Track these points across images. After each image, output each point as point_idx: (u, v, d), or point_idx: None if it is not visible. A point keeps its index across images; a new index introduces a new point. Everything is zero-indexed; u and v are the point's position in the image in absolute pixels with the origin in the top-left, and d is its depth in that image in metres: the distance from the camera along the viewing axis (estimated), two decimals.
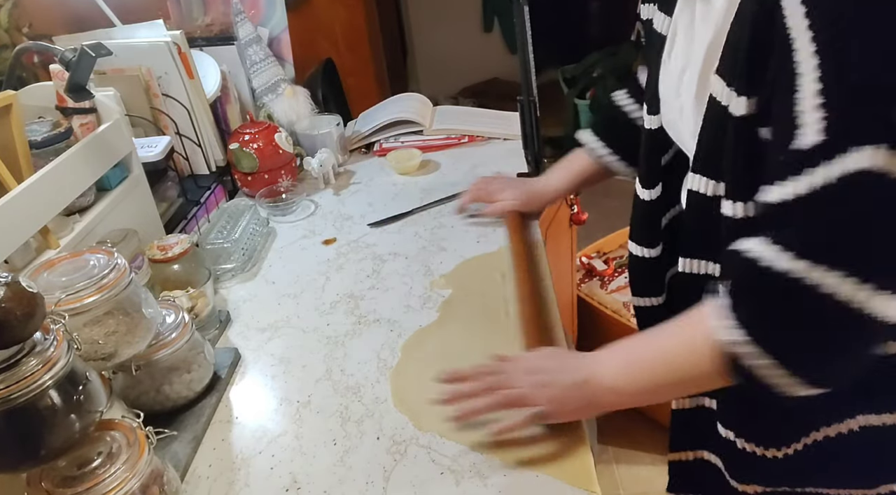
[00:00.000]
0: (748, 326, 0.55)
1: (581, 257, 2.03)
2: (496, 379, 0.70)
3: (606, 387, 0.66)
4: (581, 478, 0.66)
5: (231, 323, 0.98)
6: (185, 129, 1.25)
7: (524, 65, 1.30)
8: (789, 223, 0.53)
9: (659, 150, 0.75)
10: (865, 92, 0.48)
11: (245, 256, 1.10)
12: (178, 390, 0.79)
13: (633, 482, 1.73)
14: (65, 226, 0.89)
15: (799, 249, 0.52)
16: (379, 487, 0.68)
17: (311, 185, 1.38)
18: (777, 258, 0.53)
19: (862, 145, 0.47)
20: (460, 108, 1.72)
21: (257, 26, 1.42)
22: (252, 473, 0.72)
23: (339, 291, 1.02)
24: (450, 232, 1.14)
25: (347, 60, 2.14)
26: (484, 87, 3.82)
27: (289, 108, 1.41)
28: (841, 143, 0.48)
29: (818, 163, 0.49)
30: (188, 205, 1.21)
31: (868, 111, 0.48)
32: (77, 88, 0.91)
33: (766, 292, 0.55)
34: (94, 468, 0.60)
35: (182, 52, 1.21)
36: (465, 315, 0.93)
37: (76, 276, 0.67)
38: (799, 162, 0.50)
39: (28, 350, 0.56)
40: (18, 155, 0.85)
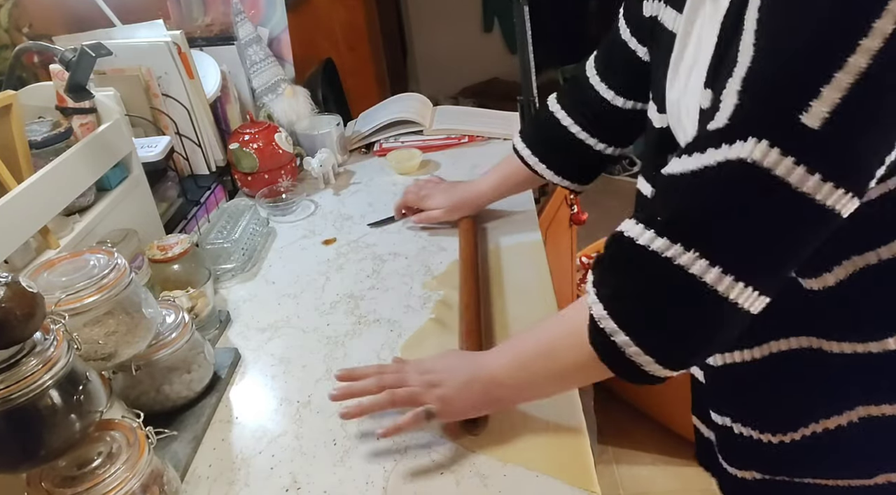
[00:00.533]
0: (606, 299, 0.57)
1: (581, 257, 2.03)
2: (388, 378, 0.71)
3: (494, 381, 0.68)
4: (581, 478, 0.66)
5: (231, 323, 0.98)
6: (185, 129, 1.25)
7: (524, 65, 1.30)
8: (663, 199, 0.55)
9: (666, 149, 0.74)
10: (771, 87, 0.48)
11: (245, 256, 1.10)
12: (178, 390, 0.79)
13: (633, 482, 1.73)
14: (65, 226, 0.89)
15: (659, 227, 0.54)
16: (379, 487, 0.68)
17: (311, 185, 1.38)
18: (640, 235, 0.55)
19: (748, 137, 0.49)
20: (460, 108, 1.72)
21: (257, 26, 1.42)
22: (252, 473, 0.72)
23: (339, 291, 1.02)
24: (450, 232, 1.14)
25: (347, 60, 2.14)
26: (484, 87, 3.82)
27: (289, 108, 1.41)
28: (736, 131, 0.50)
29: (711, 146, 0.51)
30: (188, 205, 1.21)
31: (765, 105, 0.49)
32: (77, 88, 0.91)
33: (626, 267, 0.57)
34: (94, 468, 0.60)
35: (182, 52, 1.21)
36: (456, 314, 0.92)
37: (76, 276, 0.67)
38: (700, 141, 0.52)
39: (28, 350, 0.56)
40: (18, 155, 0.85)
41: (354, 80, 2.10)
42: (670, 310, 0.55)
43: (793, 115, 0.47)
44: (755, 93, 0.49)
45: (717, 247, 0.52)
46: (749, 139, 0.48)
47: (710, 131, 0.51)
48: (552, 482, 0.66)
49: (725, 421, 0.71)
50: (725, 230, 0.52)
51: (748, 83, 0.49)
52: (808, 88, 0.46)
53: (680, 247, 0.52)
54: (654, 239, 0.54)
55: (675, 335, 0.56)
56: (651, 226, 0.55)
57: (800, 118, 0.46)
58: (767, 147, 0.48)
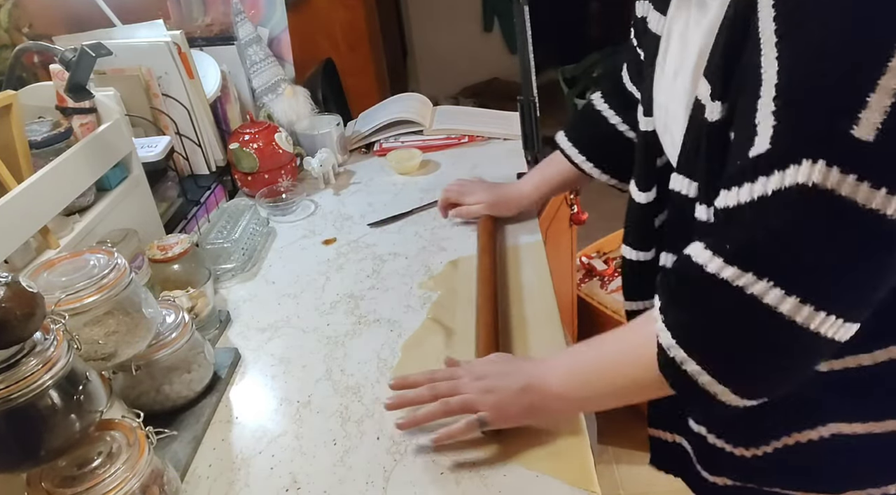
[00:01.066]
0: (676, 329, 0.55)
1: (581, 257, 2.03)
2: (442, 386, 0.70)
3: (552, 393, 0.67)
4: (581, 478, 0.66)
5: (231, 323, 0.98)
6: (185, 129, 1.25)
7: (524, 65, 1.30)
8: (728, 229, 0.53)
9: (654, 153, 0.73)
10: (812, 104, 0.46)
11: (245, 256, 1.10)
12: (178, 390, 0.79)
13: (633, 482, 1.73)
14: (65, 226, 0.89)
15: (730, 255, 0.51)
16: (379, 487, 0.68)
17: (311, 185, 1.38)
18: (709, 261, 0.53)
19: (801, 159, 0.46)
20: (460, 107, 1.72)
21: (257, 26, 1.42)
22: (252, 473, 0.72)
23: (339, 291, 1.02)
24: (450, 232, 1.14)
25: (347, 60, 2.14)
26: (484, 87, 3.83)
27: (289, 108, 1.41)
28: (784, 155, 0.47)
29: (761, 173, 0.49)
30: (188, 205, 1.21)
31: (811, 124, 0.46)
32: (77, 88, 0.91)
33: (695, 296, 0.55)
34: (94, 468, 0.60)
35: (182, 52, 1.21)
36: (455, 316, 0.92)
37: (76, 276, 0.67)
38: (747, 170, 0.50)
39: (28, 350, 0.56)
40: (18, 155, 0.85)
41: (354, 80, 2.10)
42: (744, 342, 0.53)
43: (844, 130, 0.44)
44: (796, 112, 0.47)
45: (791, 277, 0.49)
46: (803, 161, 0.46)
47: (754, 158, 0.49)
48: (552, 482, 0.66)
49: (701, 430, 0.71)
50: (799, 258, 0.49)
51: (785, 102, 0.47)
52: (853, 100, 0.44)
53: (752, 277, 0.50)
54: (723, 267, 0.51)
55: (751, 366, 0.54)
56: (720, 254, 0.52)
57: (852, 132, 0.44)
58: (825, 167, 0.45)
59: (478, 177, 1.23)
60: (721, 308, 0.53)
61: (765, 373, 0.54)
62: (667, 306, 0.57)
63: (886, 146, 0.44)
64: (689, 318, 0.56)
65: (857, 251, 0.48)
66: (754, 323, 0.51)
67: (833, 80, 0.45)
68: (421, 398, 0.70)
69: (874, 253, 0.48)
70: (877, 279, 0.50)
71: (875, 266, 0.49)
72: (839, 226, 0.47)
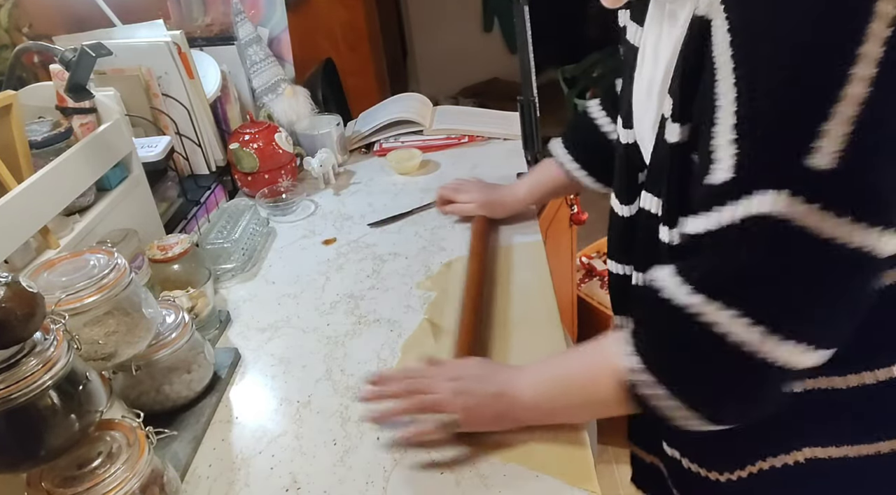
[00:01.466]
0: (644, 354, 0.56)
1: (581, 257, 2.03)
2: (417, 383, 0.71)
3: (521, 402, 0.67)
4: (581, 478, 0.66)
5: (231, 323, 0.98)
6: (185, 129, 1.25)
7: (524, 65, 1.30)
8: (695, 257, 0.53)
9: (635, 166, 0.72)
10: (774, 134, 0.45)
11: (245, 256, 1.10)
12: (178, 390, 0.79)
13: None
14: (65, 226, 0.89)
15: (697, 283, 0.51)
16: (379, 487, 0.68)
17: (311, 185, 1.38)
18: (676, 289, 0.52)
19: (766, 189, 0.46)
20: (460, 107, 1.72)
21: (257, 26, 1.42)
22: (252, 473, 0.72)
23: (339, 291, 1.02)
24: (450, 232, 1.14)
25: (347, 60, 2.14)
26: (484, 87, 3.83)
27: (289, 108, 1.41)
28: (747, 184, 0.47)
29: (726, 202, 0.48)
30: (188, 205, 1.21)
31: (774, 154, 0.46)
32: (77, 88, 0.91)
33: (663, 322, 0.55)
34: (94, 468, 0.60)
35: (182, 52, 1.21)
36: (451, 316, 0.92)
37: (76, 276, 0.67)
38: (711, 197, 0.50)
39: (28, 350, 0.56)
40: (18, 155, 0.85)
41: (354, 80, 2.10)
42: (709, 370, 0.53)
43: (803, 161, 0.44)
44: (756, 142, 0.46)
45: (757, 307, 0.49)
46: (765, 191, 0.46)
47: (718, 186, 0.49)
48: (552, 482, 0.66)
49: (675, 453, 0.71)
50: (764, 288, 0.49)
51: (743, 131, 0.47)
52: (809, 128, 0.43)
53: (719, 305, 0.50)
54: (691, 294, 0.51)
55: (716, 394, 0.54)
56: (688, 281, 0.52)
57: (811, 161, 0.44)
58: (788, 197, 0.45)
59: (475, 177, 1.23)
60: (687, 334, 0.52)
61: (731, 401, 0.54)
62: (637, 328, 0.58)
63: (847, 174, 0.44)
64: (655, 342, 0.56)
65: (822, 280, 0.47)
66: (720, 351, 0.50)
67: (790, 110, 0.44)
68: (395, 394, 0.71)
69: (840, 281, 0.48)
70: (845, 307, 0.49)
71: (842, 294, 0.48)
72: (804, 256, 0.47)
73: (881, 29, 0.41)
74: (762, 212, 0.46)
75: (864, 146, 0.43)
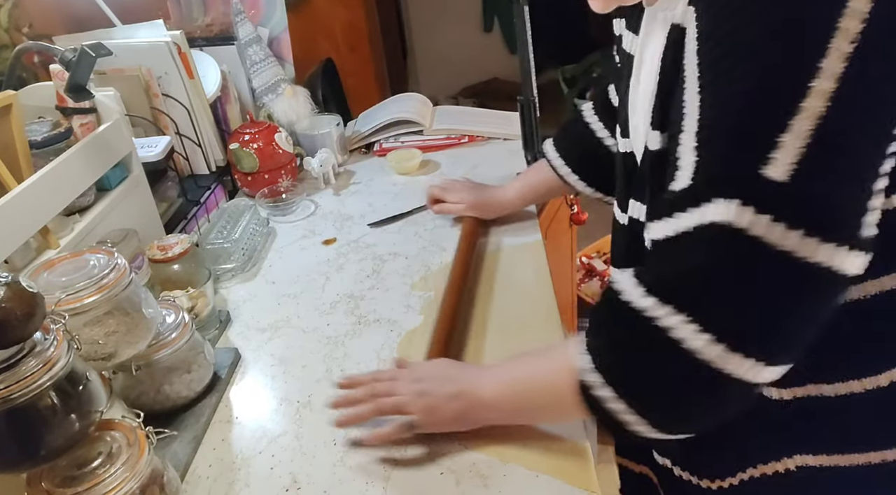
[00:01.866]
0: (596, 354, 0.55)
1: (581, 257, 2.03)
2: (380, 386, 0.72)
3: (482, 403, 0.67)
4: (581, 478, 0.66)
5: (231, 323, 0.98)
6: (185, 129, 1.25)
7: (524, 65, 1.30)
8: (654, 260, 0.53)
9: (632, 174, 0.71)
10: (728, 143, 0.45)
11: (245, 256, 1.10)
12: (178, 390, 0.79)
13: None
14: (65, 226, 0.89)
15: (650, 286, 0.51)
16: (379, 487, 0.68)
17: (311, 185, 1.38)
18: (632, 290, 0.52)
19: (717, 197, 0.46)
20: (460, 107, 1.72)
21: (257, 26, 1.42)
22: (252, 473, 0.72)
23: (339, 291, 1.02)
24: (450, 232, 1.14)
25: (347, 60, 2.14)
26: (484, 87, 3.83)
27: (289, 108, 1.41)
28: (702, 192, 0.47)
29: (683, 209, 0.48)
30: (188, 205, 1.21)
31: (729, 163, 0.46)
32: (77, 88, 0.91)
33: (617, 323, 0.55)
34: (94, 468, 0.60)
35: (182, 52, 1.21)
36: None
37: (76, 276, 0.67)
38: (671, 204, 0.50)
39: (28, 350, 0.56)
40: (18, 155, 0.85)
41: (354, 80, 2.10)
42: (658, 375, 0.52)
43: (756, 171, 0.44)
44: (713, 149, 0.46)
45: (707, 314, 0.48)
46: (719, 200, 0.45)
47: (678, 192, 0.49)
48: (552, 482, 0.66)
49: (666, 462, 0.71)
50: (715, 297, 0.48)
51: (703, 139, 0.47)
52: (765, 141, 0.43)
53: (670, 310, 0.49)
54: (643, 297, 0.51)
55: (665, 401, 0.53)
56: (643, 284, 0.52)
57: (766, 172, 0.43)
58: (740, 206, 0.44)
59: (469, 177, 1.23)
60: (637, 338, 0.52)
61: (679, 409, 0.53)
62: (590, 330, 0.57)
63: (802, 188, 0.43)
64: (607, 345, 0.55)
65: (772, 293, 0.47)
66: (668, 356, 0.50)
67: (747, 120, 0.44)
68: (359, 397, 0.72)
69: (792, 296, 0.47)
70: (798, 322, 0.48)
71: (794, 309, 0.47)
72: (754, 267, 0.46)
73: (843, 44, 0.41)
74: (714, 221, 0.46)
75: (819, 161, 0.43)
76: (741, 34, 0.44)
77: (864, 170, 0.45)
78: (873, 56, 0.42)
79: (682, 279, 0.50)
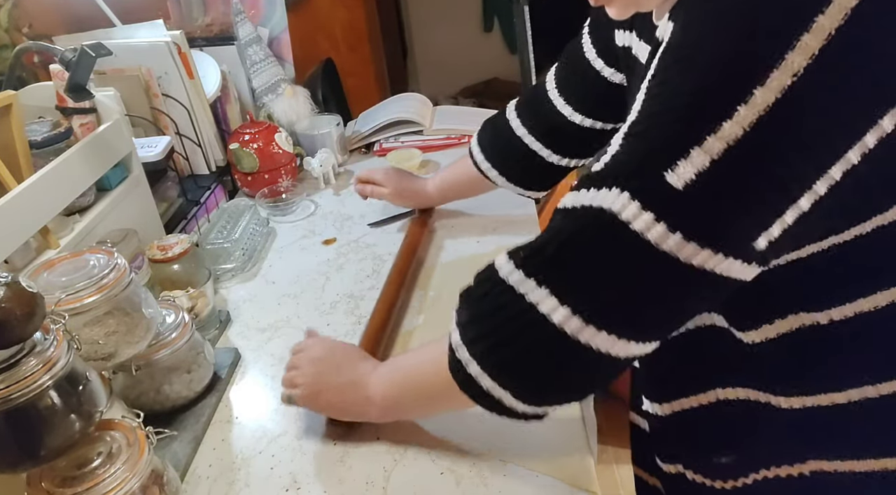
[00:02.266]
0: (464, 328, 0.56)
1: None
2: (291, 359, 0.75)
3: (364, 398, 0.69)
4: (581, 478, 0.66)
5: (231, 323, 0.98)
6: (185, 129, 1.25)
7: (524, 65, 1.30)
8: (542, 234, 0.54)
9: None
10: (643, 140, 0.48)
11: (245, 256, 1.10)
12: (178, 390, 0.79)
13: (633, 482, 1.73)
14: (65, 226, 0.89)
15: (520, 259, 0.53)
16: (379, 487, 0.68)
17: (311, 185, 1.38)
18: (503, 263, 0.54)
19: (612, 186, 0.48)
20: (460, 107, 1.72)
21: (257, 26, 1.42)
22: (252, 473, 0.72)
23: (339, 291, 1.02)
24: (450, 232, 1.14)
25: (347, 60, 2.14)
26: (484, 87, 3.82)
27: (289, 108, 1.41)
28: (604, 178, 0.49)
29: (586, 188, 0.50)
30: (188, 205, 1.21)
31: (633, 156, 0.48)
32: (77, 88, 0.91)
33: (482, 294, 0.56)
34: (94, 468, 0.60)
35: (182, 52, 1.21)
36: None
37: (76, 276, 0.67)
38: (580, 181, 0.52)
39: (28, 350, 0.56)
40: (18, 155, 0.85)
41: (354, 80, 2.10)
42: (521, 347, 0.53)
43: (658, 172, 0.46)
44: (629, 144, 0.49)
45: (567, 288, 0.50)
46: (614, 188, 0.48)
47: (591, 172, 0.51)
48: (552, 482, 0.66)
49: (678, 467, 0.70)
50: (578, 272, 0.50)
51: (628, 134, 0.49)
52: (677, 147, 0.45)
53: (532, 282, 0.51)
54: (512, 271, 0.53)
55: (528, 372, 0.54)
56: (513, 258, 0.54)
57: (665, 176, 0.45)
58: (629, 199, 0.47)
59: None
60: (500, 309, 0.53)
61: (543, 381, 0.54)
62: (461, 305, 0.58)
63: (691, 199, 0.45)
64: (473, 318, 0.56)
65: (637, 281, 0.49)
66: (529, 328, 0.51)
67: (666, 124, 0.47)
68: None
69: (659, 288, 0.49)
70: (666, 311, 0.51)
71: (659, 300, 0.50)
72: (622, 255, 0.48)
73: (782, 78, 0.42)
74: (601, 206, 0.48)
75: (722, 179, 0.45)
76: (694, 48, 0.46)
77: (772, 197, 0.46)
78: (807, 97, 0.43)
79: (550, 252, 0.51)
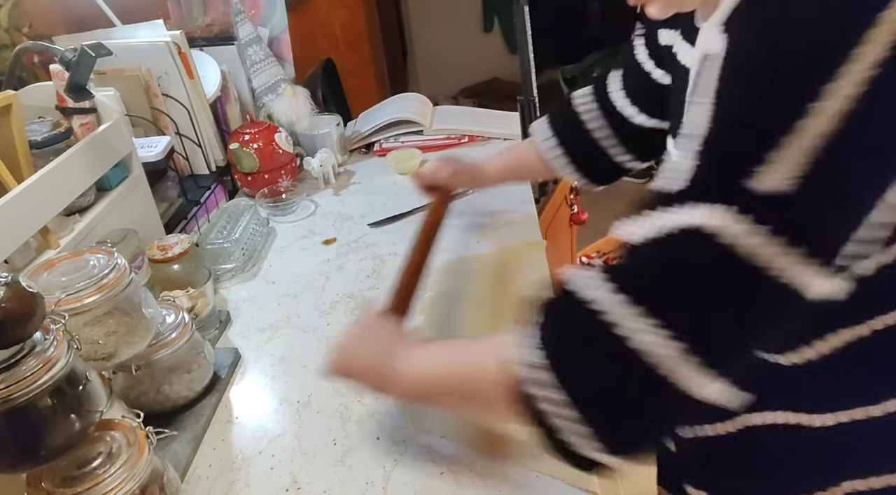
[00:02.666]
0: (551, 349, 0.51)
1: (581, 257, 2.03)
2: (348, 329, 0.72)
3: (394, 373, 0.64)
4: (581, 478, 0.66)
5: (231, 323, 0.98)
6: (185, 129, 1.25)
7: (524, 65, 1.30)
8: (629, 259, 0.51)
9: None
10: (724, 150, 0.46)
11: (245, 256, 1.10)
12: (178, 390, 0.79)
13: (633, 482, 1.73)
14: (65, 226, 0.89)
15: (622, 284, 0.49)
16: (379, 487, 0.68)
17: (311, 185, 1.38)
18: (598, 287, 0.50)
19: (703, 202, 0.46)
20: (460, 107, 1.72)
21: (257, 26, 1.42)
22: (252, 473, 0.72)
23: (339, 291, 1.02)
24: (450, 232, 1.14)
25: (347, 60, 2.14)
26: (484, 87, 3.82)
27: (289, 108, 1.41)
28: (692, 195, 0.47)
29: (671, 208, 0.48)
30: (188, 205, 1.21)
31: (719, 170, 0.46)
32: (77, 88, 0.91)
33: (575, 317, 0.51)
34: (94, 468, 0.60)
35: (182, 52, 1.21)
36: (449, 315, 0.93)
37: (76, 276, 0.67)
38: (662, 203, 0.49)
39: (28, 350, 0.56)
40: (18, 155, 0.85)
41: (354, 80, 2.10)
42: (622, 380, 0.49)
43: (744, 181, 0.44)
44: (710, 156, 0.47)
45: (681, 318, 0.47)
46: (705, 204, 0.46)
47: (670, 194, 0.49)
48: (552, 482, 0.66)
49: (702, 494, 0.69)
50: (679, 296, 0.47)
51: (705, 146, 0.48)
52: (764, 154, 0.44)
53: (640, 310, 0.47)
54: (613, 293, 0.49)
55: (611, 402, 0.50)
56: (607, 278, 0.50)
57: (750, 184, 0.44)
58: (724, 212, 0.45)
59: None
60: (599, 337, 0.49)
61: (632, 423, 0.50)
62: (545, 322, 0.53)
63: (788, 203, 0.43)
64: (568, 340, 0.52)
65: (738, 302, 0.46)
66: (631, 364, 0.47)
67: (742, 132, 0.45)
68: None
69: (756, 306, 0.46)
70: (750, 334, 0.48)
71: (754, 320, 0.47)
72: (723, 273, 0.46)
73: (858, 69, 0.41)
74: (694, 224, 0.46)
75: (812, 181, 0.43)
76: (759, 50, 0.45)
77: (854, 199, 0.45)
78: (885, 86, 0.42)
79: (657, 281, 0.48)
